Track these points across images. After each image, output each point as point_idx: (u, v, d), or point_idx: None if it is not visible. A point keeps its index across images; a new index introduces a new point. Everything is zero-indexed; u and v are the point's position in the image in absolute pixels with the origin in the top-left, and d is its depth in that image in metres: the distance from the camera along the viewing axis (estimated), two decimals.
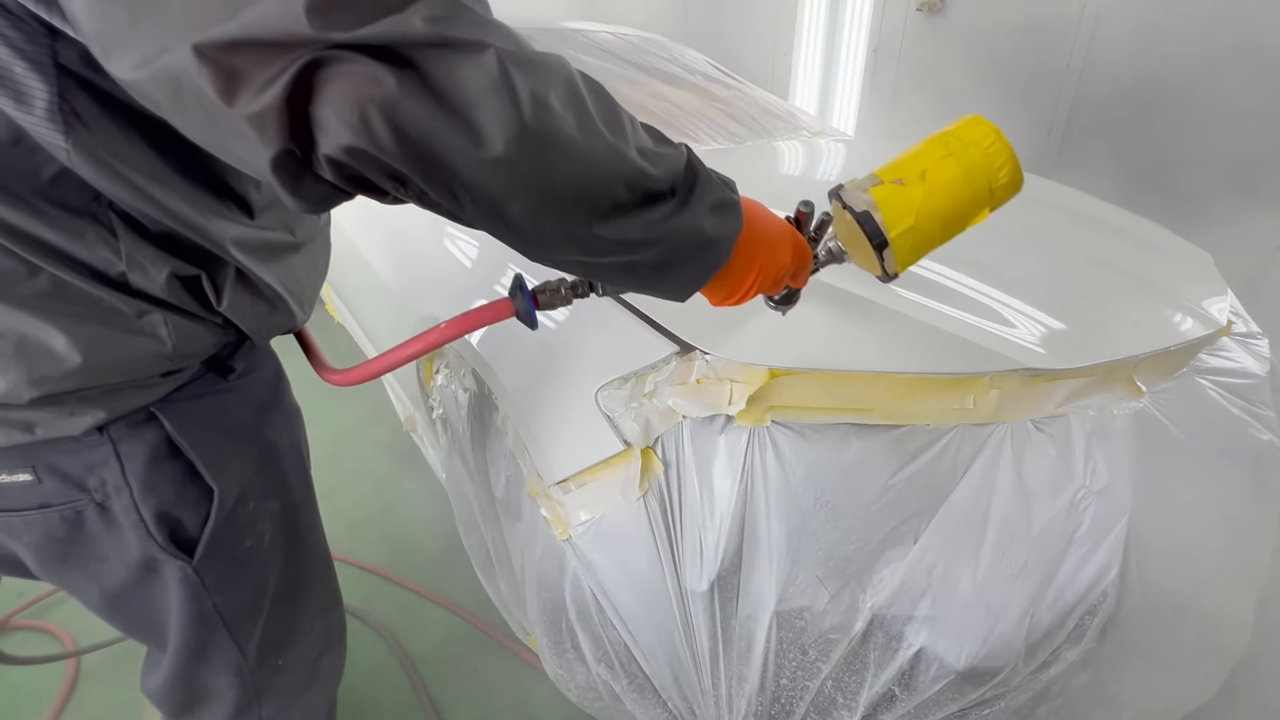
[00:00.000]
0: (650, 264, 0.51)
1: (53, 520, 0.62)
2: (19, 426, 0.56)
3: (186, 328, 0.60)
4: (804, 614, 0.86)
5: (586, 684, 1.07)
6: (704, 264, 0.55)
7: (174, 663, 0.76)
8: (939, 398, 0.88)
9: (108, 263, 0.53)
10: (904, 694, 0.87)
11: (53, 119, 0.46)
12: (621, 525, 0.91)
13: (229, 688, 0.81)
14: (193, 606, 0.71)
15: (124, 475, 0.61)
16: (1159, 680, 0.97)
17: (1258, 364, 1.16)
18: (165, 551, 0.66)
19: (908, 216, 0.62)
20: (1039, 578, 0.84)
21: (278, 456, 0.75)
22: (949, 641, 0.84)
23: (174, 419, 0.63)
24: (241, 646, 0.78)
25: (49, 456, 0.59)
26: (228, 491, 0.68)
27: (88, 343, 0.54)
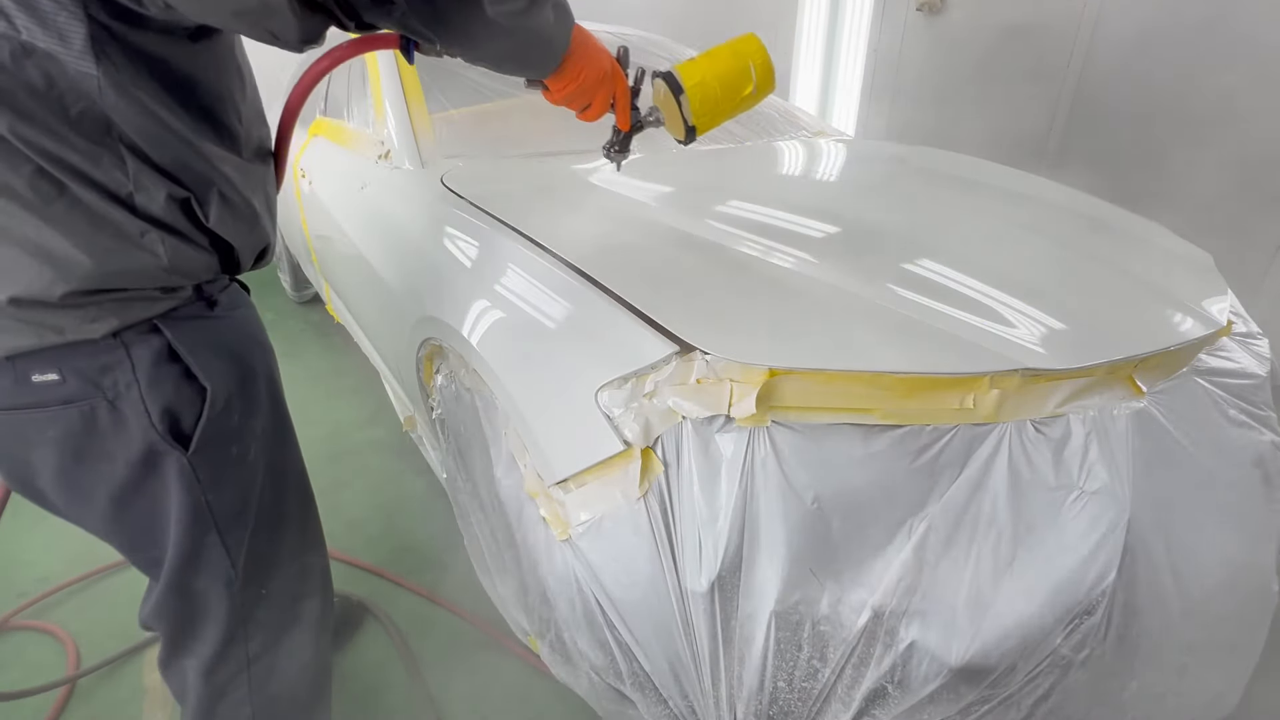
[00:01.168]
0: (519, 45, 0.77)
1: (72, 415, 0.74)
2: (53, 329, 0.70)
3: (180, 248, 0.74)
4: (800, 609, 0.86)
5: (588, 685, 1.07)
6: (554, 46, 0.81)
7: (171, 566, 0.86)
8: (939, 398, 0.88)
9: (119, 184, 0.68)
10: (898, 691, 0.87)
11: (85, 54, 0.61)
12: (621, 525, 0.91)
13: (220, 601, 0.90)
14: (188, 499, 0.82)
15: (134, 373, 0.74)
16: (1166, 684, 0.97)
17: (1258, 364, 1.16)
18: (165, 441, 0.78)
19: (696, 75, 0.93)
20: (1038, 577, 0.84)
21: (256, 380, 0.88)
22: (945, 640, 0.84)
23: (173, 331, 0.77)
24: (231, 554, 0.89)
25: (72, 359, 0.72)
26: (217, 395, 0.81)
27: (101, 252, 0.68)
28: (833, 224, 1.29)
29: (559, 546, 0.98)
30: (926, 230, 1.28)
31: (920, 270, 1.09)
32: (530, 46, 0.79)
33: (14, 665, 1.52)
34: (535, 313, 1.09)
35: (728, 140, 2.00)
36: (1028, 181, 1.72)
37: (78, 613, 1.66)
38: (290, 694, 1.02)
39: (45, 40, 0.60)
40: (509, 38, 0.75)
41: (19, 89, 0.61)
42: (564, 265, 1.11)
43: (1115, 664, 0.89)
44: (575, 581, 0.97)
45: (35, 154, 0.63)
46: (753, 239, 1.17)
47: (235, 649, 0.94)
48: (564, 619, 1.01)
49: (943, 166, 1.80)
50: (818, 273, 1.07)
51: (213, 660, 0.93)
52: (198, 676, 0.94)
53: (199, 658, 0.93)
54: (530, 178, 1.57)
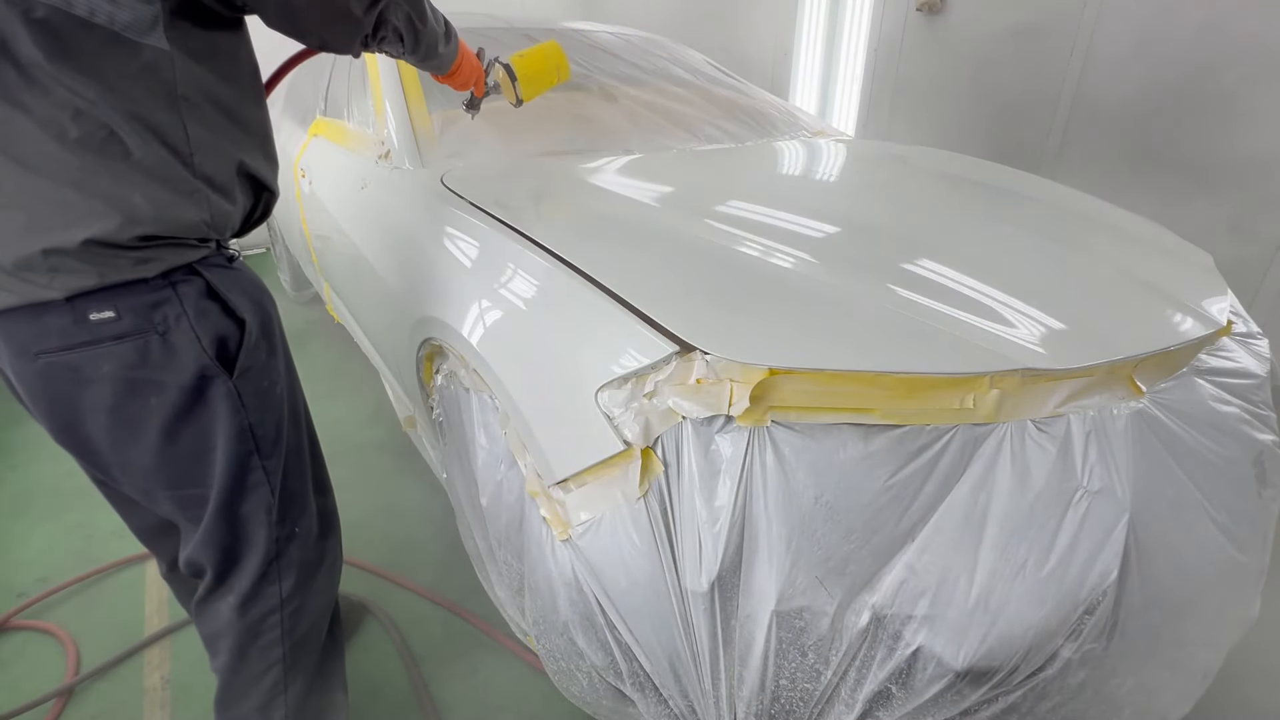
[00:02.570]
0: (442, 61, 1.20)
1: (126, 349, 0.83)
2: (114, 269, 0.80)
3: (219, 204, 0.88)
4: (804, 614, 0.86)
5: (588, 685, 1.07)
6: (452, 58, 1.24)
7: (220, 490, 0.95)
8: (939, 398, 0.88)
9: (182, 144, 0.82)
10: (901, 693, 0.87)
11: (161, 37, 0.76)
12: (621, 525, 0.91)
13: (260, 527, 0.99)
14: (234, 422, 0.92)
15: (182, 306, 0.85)
16: (1159, 679, 0.97)
17: (1258, 364, 1.16)
18: (214, 365, 0.88)
19: (526, 68, 1.47)
20: (1038, 578, 0.84)
21: (272, 324, 0.99)
22: (947, 641, 0.84)
23: (209, 273, 0.88)
24: (270, 480, 0.99)
25: (127, 297, 0.82)
26: (251, 324, 0.92)
27: (160, 203, 0.81)
28: (833, 224, 1.29)
29: (559, 546, 0.98)
30: (926, 230, 1.28)
31: (920, 270, 1.09)
32: (445, 61, 1.21)
33: (14, 665, 1.52)
34: (535, 313, 1.09)
35: (728, 140, 2.00)
36: (1028, 181, 1.72)
37: (78, 613, 1.66)
38: (314, 637, 1.10)
39: (136, 31, 0.74)
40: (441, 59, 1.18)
41: (111, 68, 0.74)
42: (564, 265, 1.11)
43: (1114, 662, 0.89)
44: (575, 581, 0.97)
45: (113, 120, 0.75)
46: (753, 239, 1.17)
47: (269, 587, 1.02)
48: (564, 619, 1.01)
49: (943, 166, 1.80)
50: (818, 273, 1.07)
51: (249, 595, 1.00)
52: (234, 613, 1.01)
53: (237, 593, 1.00)
54: (530, 178, 1.57)
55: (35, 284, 0.78)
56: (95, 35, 0.72)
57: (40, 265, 0.77)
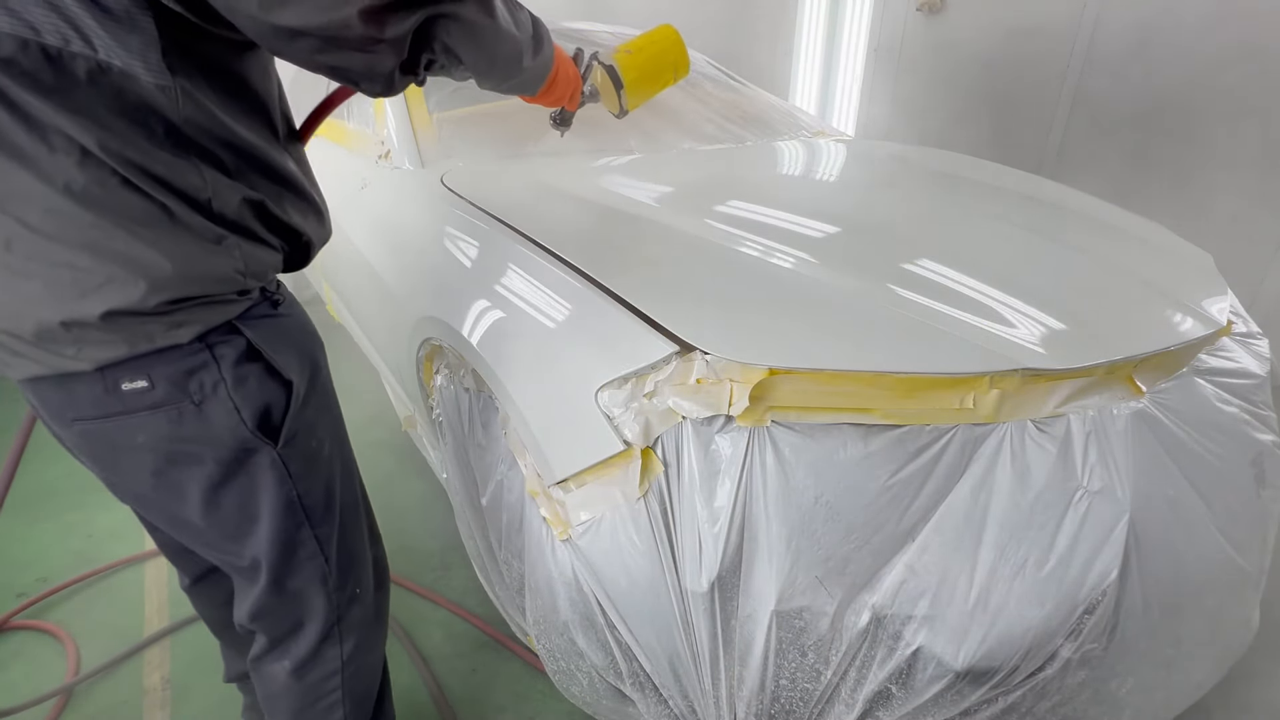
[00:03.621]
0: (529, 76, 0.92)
1: (160, 420, 0.77)
2: (144, 337, 0.72)
3: (253, 250, 0.78)
4: (804, 614, 0.86)
5: (588, 685, 1.07)
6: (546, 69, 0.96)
7: (269, 563, 0.88)
8: (939, 398, 0.88)
9: (198, 190, 0.72)
10: (902, 692, 0.87)
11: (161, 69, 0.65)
12: (621, 525, 0.91)
13: (318, 598, 0.93)
14: (280, 494, 0.85)
15: (220, 372, 0.77)
16: (1157, 678, 0.97)
17: (1258, 364, 1.16)
18: (255, 437, 0.81)
19: (633, 71, 1.12)
20: (1038, 578, 0.84)
21: (320, 374, 0.91)
22: (947, 641, 0.84)
23: (250, 330, 0.80)
24: (324, 550, 0.92)
25: (160, 365, 0.75)
26: (298, 385, 0.84)
27: (183, 258, 0.72)
28: (833, 224, 1.28)
29: (559, 546, 0.98)
30: (926, 230, 1.28)
31: (920, 270, 1.09)
32: (534, 81, 0.96)
33: (14, 665, 1.52)
34: (535, 313, 1.09)
35: (728, 140, 2.00)
36: (1028, 181, 1.72)
37: (78, 613, 1.66)
38: (371, 689, 1.07)
39: (123, 59, 0.63)
40: (525, 77, 0.92)
41: (100, 105, 0.63)
42: (564, 265, 1.11)
43: (1114, 662, 0.89)
44: (575, 581, 0.97)
45: (121, 166, 0.66)
46: (753, 239, 1.17)
47: (330, 649, 0.97)
48: (564, 619, 1.01)
49: (943, 166, 1.80)
50: (818, 273, 1.07)
51: (307, 660, 0.96)
52: (291, 678, 0.96)
53: (294, 658, 0.95)
54: (530, 178, 1.57)
55: (62, 355, 0.71)
56: (79, 67, 0.61)
57: (63, 337, 0.70)
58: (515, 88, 0.95)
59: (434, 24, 0.71)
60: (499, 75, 0.86)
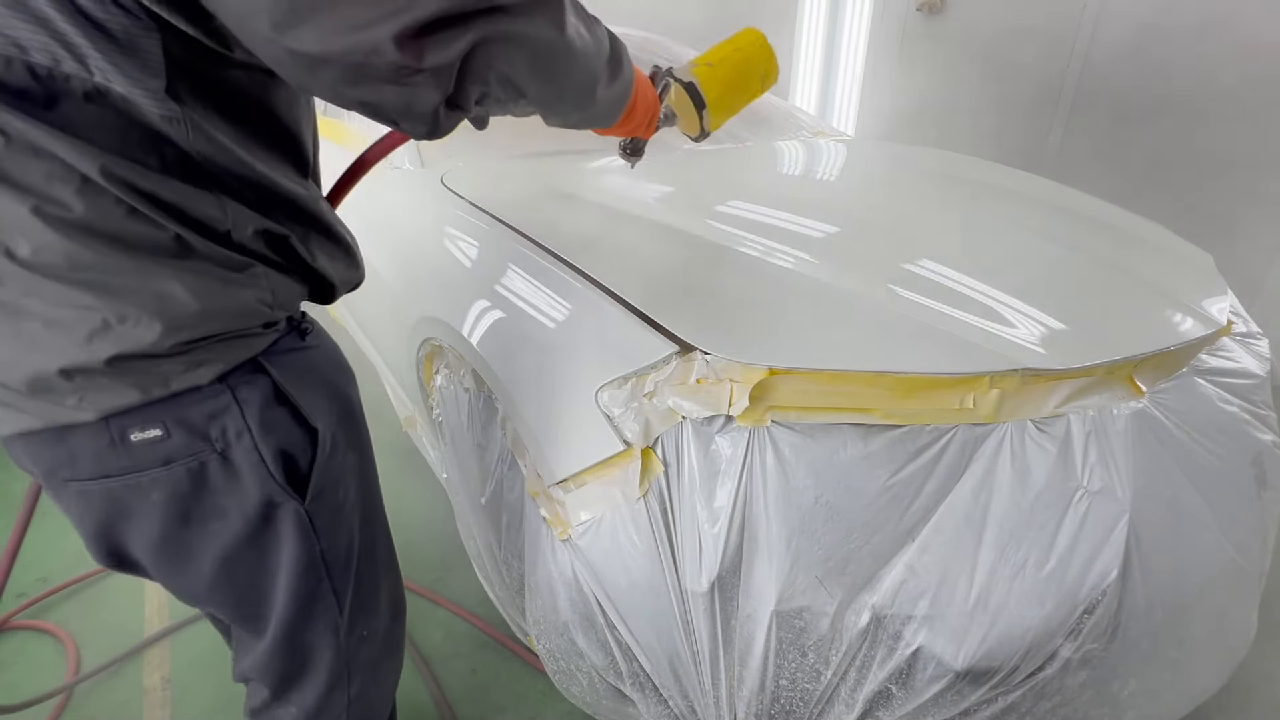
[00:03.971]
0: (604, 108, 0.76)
1: (179, 474, 0.68)
2: (158, 381, 0.64)
3: (281, 280, 0.70)
4: (804, 614, 0.86)
5: (588, 685, 1.07)
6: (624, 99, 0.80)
7: (281, 620, 0.81)
8: (939, 398, 0.88)
9: (216, 221, 0.63)
10: (902, 692, 0.87)
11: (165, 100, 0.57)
12: (621, 525, 0.91)
13: (326, 650, 0.86)
14: (304, 550, 0.78)
15: (244, 418, 0.69)
16: (1161, 680, 0.97)
17: (1258, 364, 1.16)
18: (283, 491, 0.73)
19: (716, 87, 0.94)
20: (1038, 578, 0.84)
21: (353, 410, 0.84)
22: (947, 641, 0.84)
23: (277, 369, 0.71)
24: (340, 601, 0.84)
25: (176, 410, 0.66)
26: (325, 435, 0.77)
27: (205, 292, 0.63)
28: (833, 224, 1.28)
29: (559, 546, 0.98)
30: (926, 230, 1.28)
31: (920, 270, 1.09)
32: (611, 111, 0.80)
33: (14, 665, 1.52)
34: (535, 313, 1.09)
35: (728, 140, 2.00)
36: (1028, 181, 1.72)
37: (78, 613, 1.66)
38: (380, 714, 1.01)
39: (123, 84, 0.55)
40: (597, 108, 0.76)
41: (101, 128, 0.56)
42: (564, 265, 1.11)
43: (1115, 663, 0.89)
44: (575, 581, 0.97)
45: (128, 194, 0.58)
46: (753, 239, 1.17)
47: (337, 694, 0.90)
48: (564, 619, 1.01)
49: (943, 167, 1.80)
50: (818, 273, 1.07)
51: (314, 708, 0.89)
52: None
53: (300, 707, 0.89)
54: (530, 178, 1.57)
55: (61, 405, 0.62)
56: (74, 88, 0.53)
57: (62, 387, 0.61)
58: (588, 120, 0.79)
59: (488, 48, 0.55)
60: (569, 107, 0.71)
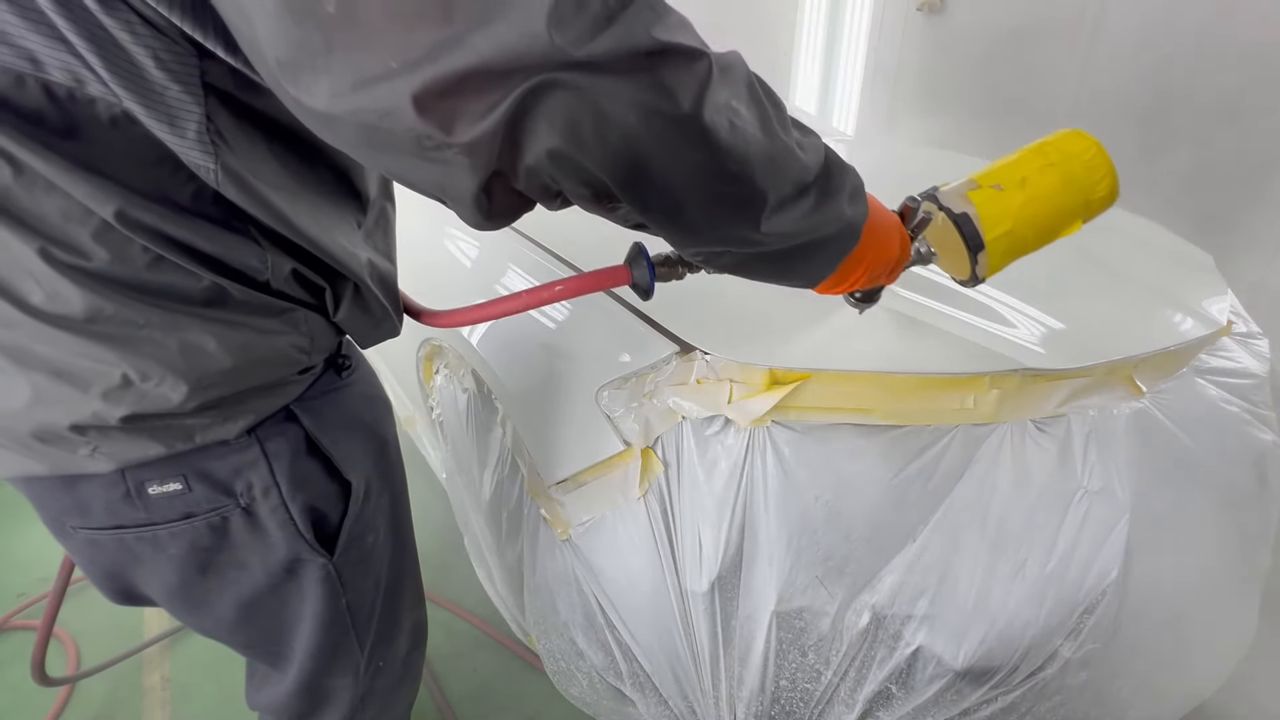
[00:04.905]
0: (791, 252, 0.51)
1: (199, 529, 0.63)
2: (181, 435, 0.58)
3: (319, 323, 0.63)
4: (804, 614, 0.86)
5: (588, 685, 1.07)
6: (837, 249, 0.54)
7: (303, 669, 0.77)
8: (939, 398, 0.88)
9: (256, 270, 0.56)
10: (901, 692, 0.87)
11: (202, 141, 0.48)
12: (621, 525, 0.91)
13: (345, 689, 0.83)
14: (330, 606, 0.73)
15: (272, 474, 0.63)
16: (1161, 680, 0.97)
17: (1258, 364, 1.16)
18: (312, 549, 0.68)
19: (1005, 221, 0.62)
20: (1038, 578, 0.84)
21: (388, 448, 0.79)
22: (947, 641, 0.84)
23: (309, 417, 0.66)
24: (362, 646, 0.80)
25: (199, 463, 0.60)
26: (359, 487, 0.71)
27: (240, 346, 0.57)
28: None
29: (559, 546, 0.98)
30: None
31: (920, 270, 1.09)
32: (811, 253, 0.52)
33: (14, 665, 1.52)
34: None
35: None
36: None
37: (78, 613, 1.66)
38: None
39: (149, 120, 0.46)
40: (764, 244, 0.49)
41: (125, 161, 0.48)
42: (564, 265, 1.11)
43: (1115, 663, 0.89)
44: (575, 581, 0.97)
45: (153, 241, 0.50)
46: None
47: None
48: (564, 619, 1.01)
49: (943, 166, 1.80)
50: None
51: None
52: None
53: None
54: None
55: (73, 455, 0.56)
56: (99, 113, 0.46)
57: (73, 440, 0.56)
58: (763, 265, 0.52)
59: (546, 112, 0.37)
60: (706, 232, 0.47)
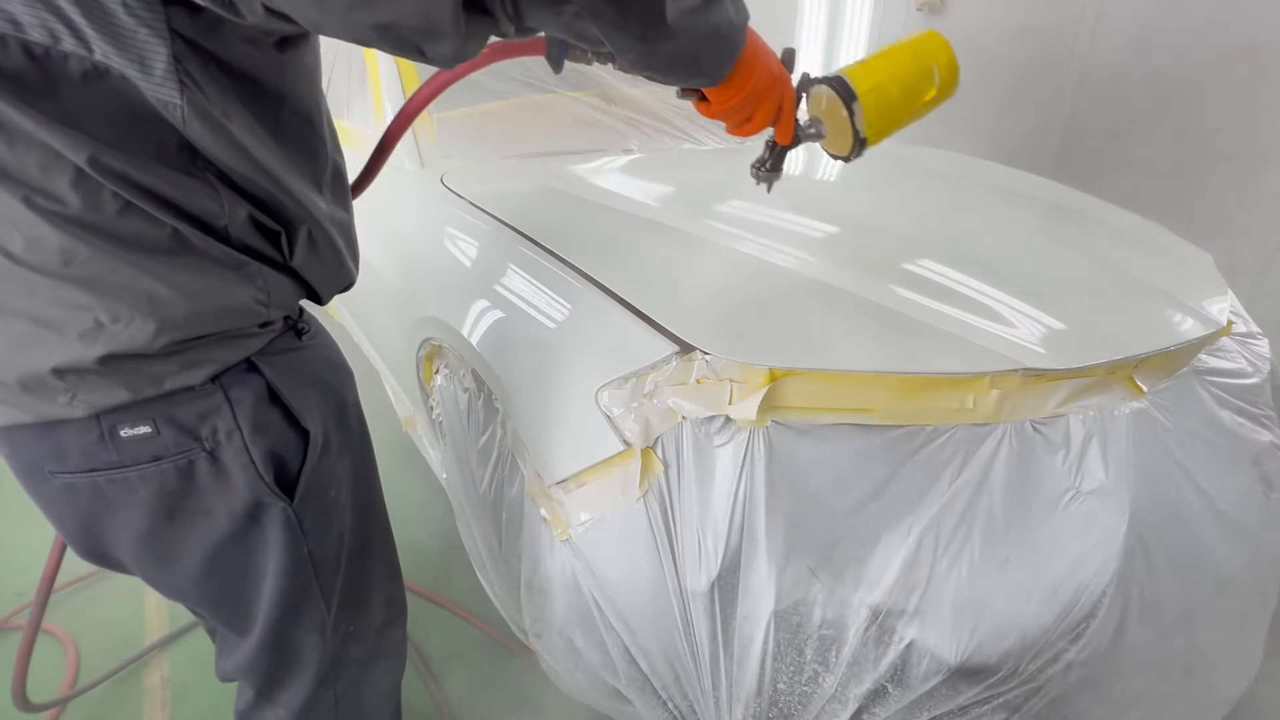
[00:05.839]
0: (694, 48, 0.62)
1: (167, 471, 0.67)
2: (150, 380, 0.63)
3: (277, 278, 0.69)
4: (800, 610, 0.86)
5: (587, 685, 1.07)
6: (730, 47, 0.66)
7: (268, 619, 0.80)
8: (939, 398, 0.88)
9: (213, 215, 0.61)
10: (897, 690, 0.87)
11: (169, 79, 0.53)
12: (621, 525, 0.91)
13: (313, 649, 0.86)
14: (291, 551, 0.77)
15: (235, 419, 0.68)
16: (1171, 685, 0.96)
17: (1258, 364, 1.16)
18: (271, 492, 0.72)
19: (870, 78, 0.77)
20: (1038, 578, 0.84)
21: (348, 412, 0.83)
22: (943, 637, 0.84)
23: (271, 369, 0.71)
24: (326, 600, 0.83)
25: (167, 408, 0.65)
26: (318, 437, 0.76)
27: (201, 291, 0.62)
28: (833, 224, 1.28)
29: (559, 546, 0.98)
30: (926, 230, 1.28)
31: (920, 270, 1.09)
32: (704, 49, 0.64)
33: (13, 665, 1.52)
34: (535, 313, 1.09)
35: (728, 140, 2.00)
36: (1028, 181, 1.72)
37: (78, 613, 1.66)
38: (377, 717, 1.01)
39: (122, 63, 0.52)
40: (683, 40, 0.60)
41: (95, 114, 0.53)
42: (564, 265, 1.11)
43: (1118, 665, 0.89)
44: (575, 581, 0.97)
45: (121, 186, 0.56)
46: (753, 239, 1.17)
47: (324, 691, 0.90)
48: (563, 619, 1.01)
49: (943, 167, 1.80)
50: (818, 272, 1.07)
51: (302, 707, 0.89)
52: None
53: (287, 707, 0.89)
54: (530, 178, 1.56)
55: (53, 402, 0.62)
56: (71, 69, 0.51)
57: (54, 385, 0.61)
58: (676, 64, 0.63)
59: None
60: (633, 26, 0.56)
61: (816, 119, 0.79)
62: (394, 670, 1.03)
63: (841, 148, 0.79)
